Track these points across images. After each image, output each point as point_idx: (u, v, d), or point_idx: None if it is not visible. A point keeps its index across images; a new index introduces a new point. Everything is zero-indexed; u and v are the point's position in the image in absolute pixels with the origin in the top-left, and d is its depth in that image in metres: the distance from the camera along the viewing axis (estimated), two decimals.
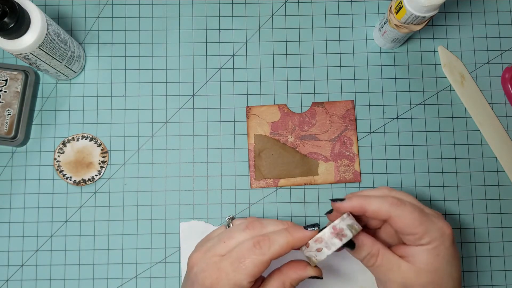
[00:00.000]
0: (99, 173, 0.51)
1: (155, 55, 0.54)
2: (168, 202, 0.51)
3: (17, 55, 0.44)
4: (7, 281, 0.50)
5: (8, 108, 0.50)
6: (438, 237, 0.37)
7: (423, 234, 0.37)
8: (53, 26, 0.45)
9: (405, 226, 0.37)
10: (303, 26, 0.54)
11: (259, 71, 0.53)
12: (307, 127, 0.52)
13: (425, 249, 0.37)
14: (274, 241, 0.36)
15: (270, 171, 0.51)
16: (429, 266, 0.37)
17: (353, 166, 0.52)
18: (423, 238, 0.37)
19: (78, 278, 0.50)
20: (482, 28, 0.55)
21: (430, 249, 0.37)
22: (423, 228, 0.36)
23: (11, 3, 0.40)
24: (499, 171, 0.52)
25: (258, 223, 0.38)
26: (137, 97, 0.53)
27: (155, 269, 0.50)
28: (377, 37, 0.53)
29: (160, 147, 0.52)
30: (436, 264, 0.37)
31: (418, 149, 0.52)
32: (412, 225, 0.36)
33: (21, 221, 0.51)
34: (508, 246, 0.51)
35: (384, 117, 0.53)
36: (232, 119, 0.53)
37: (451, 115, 0.53)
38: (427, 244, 0.37)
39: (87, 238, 0.51)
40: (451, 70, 0.53)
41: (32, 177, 0.51)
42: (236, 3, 0.55)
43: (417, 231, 0.36)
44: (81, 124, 0.52)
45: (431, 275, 0.37)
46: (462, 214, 0.51)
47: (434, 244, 0.37)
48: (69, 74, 0.51)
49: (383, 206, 0.37)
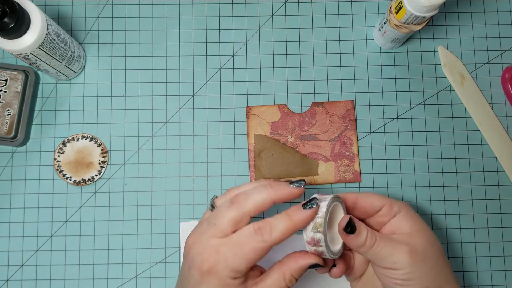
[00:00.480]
0: (99, 173, 0.51)
1: (155, 55, 0.54)
2: (168, 202, 0.51)
3: (17, 55, 0.44)
4: (7, 281, 0.50)
5: (8, 108, 0.50)
6: (403, 205, 0.41)
7: (390, 202, 0.40)
8: (53, 26, 0.45)
9: (372, 201, 0.40)
10: (303, 26, 0.54)
11: (259, 71, 0.53)
12: (307, 127, 0.52)
13: (401, 216, 0.40)
14: (275, 227, 0.36)
15: (270, 171, 0.51)
16: (414, 226, 0.40)
17: (353, 166, 0.52)
18: (393, 207, 0.40)
19: (78, 278, 0.50)
20: (482, 28, 0.55)
21: (404, 214, 0.40)
22: (388, 200, 0.41)
23: (11, 3, 0.40)
24: (499, 171, 0.52)
25: (242, 195, 0.37)
26: (137, 97, 0.53)
27: (155, 269, 0.50)
28: (377, 37, 0.53)
29: (160, 147, 0.52)
30: (419, 224, 0.40)
31: (418, 149, 0.52)
32: (378, 199, 0.40)
33: (21, 221, 0.51)
34: (508, 246, 0.51)
35: (384, 117, 0.53)
36: (232, 119, 0.53)
37: (451, 115, 0.53)
38: (399, 212, 0.40)
39: (87, 238, 0.51)
40: (451, 70, 0.53)
41: (32, 177, 0.51)
42: (236, 3, 0.55)
43: (385, 201, 0.40)
44: (81, 124, 0.52)
45: (421, 233, 0.39)
46: (462, 214, 0.51)
47: (405, 210, 0.40)
48: (69, 74, 0.51)
49: (349, 194, 0.41)
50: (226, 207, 0.37)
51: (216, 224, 0.36)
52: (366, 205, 0.41)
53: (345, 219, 0.38)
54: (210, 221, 0.37)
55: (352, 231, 0.38)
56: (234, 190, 0.39)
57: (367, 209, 0.41)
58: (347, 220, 0.38)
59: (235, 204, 0.37)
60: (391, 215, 0.40)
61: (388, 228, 0.41)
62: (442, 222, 0.51)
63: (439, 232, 0.51)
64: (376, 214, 0.41)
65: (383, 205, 0.40)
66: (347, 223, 0.38)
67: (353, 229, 0.38)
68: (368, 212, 0.41)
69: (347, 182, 0.51)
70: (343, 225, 0.38)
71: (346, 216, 0.38)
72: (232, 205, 0.37)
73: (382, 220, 0.41)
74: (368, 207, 0.41)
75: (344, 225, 0.38)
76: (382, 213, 0.41)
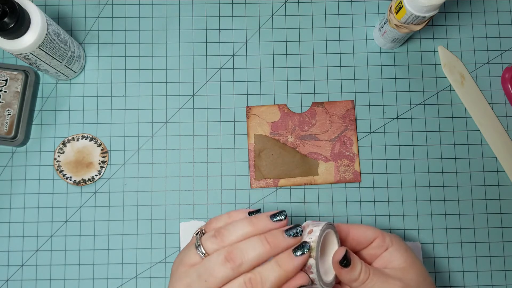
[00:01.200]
0: (99, 173, 0.51)
1: (155, 55, 0.54)
2: (168, 202, 0.51)
3: (17, 55, 0.44)
4: (7, 281, 0.50)
5: (8, 108, 0.50)
6: (395, 237, 0.40)
7: (383, 234, 0.40)
8: (53, 26, 0.45)
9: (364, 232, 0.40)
10: (303, 26, 0.54)
11: (259, 71, 0.53)
12: (307, 127, 0.52)
13: (393, 249, 0.40)
14: (266, 279, 0.34)
15: (270, 171, 0.51)
16: (407, 261, 0.39)
17: (353, 166, 0.52)
18: (385, 239, 0.40)
19: (78, 278, 0.50)
20: (482, 28, 0.55)
21: (397, 248, 0.40)
22: (380, 232, 0.40)
23: (11, 3, 0.40)
24: (499, 171, 0.52)
25: (238, 252, 0.34)
26: (137, 97, 0.53)
27: (155, 269, 0.50)
28: (377, 37, 0.53)
29: (160, 147, 0.52)
30: (411, 258, 0.39)
31: (418, 149, 0.52)
32: (370, 230, 0.40)
33: (21, 221, 0.51)
34: (508, 246, 0.51)
35: (384, 117, 0.53)
36: (232, 119, 0.53)
37: (451, 115, 0.53)
38: (391, 245, 0.40)
39: (87, 238, 0.51)
40: (451, 70, 0.53)
41: (32, 177, 0.51)
42: (236, 3, 0.55)
43: (377, 233, 0.40)
44: (81, 124, 0.52)
45: (414, 268, 0.39)
46: (462, 214, 0.51)
47: (397, 243, 0.40)
48: (69, 74, 0.51)
49: (341, 225, 0.40)
50: (220, 263, 0.34)
51: (207, 281, 0.34)
52: (360, 236, 0.40)
53: (341, 251, 0.37)
54: (201, 274, 0.35)
55: (347, 264, 0.36)
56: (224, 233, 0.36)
57: (360, 241, 0.40)
58: (344, 252, 0.36)
59: (230, 262, 0.34)
60: (384, 247, 0.40)
61: (380, 261, 0.40)
62: (442, 222, 0.51)
63: (439, 232, 0.51)
64: (369, 246, 0.40)
65: (376, 237, 0.40)
66: (344, 256, 0.36)
67: (349, 263, 0.36)
68: (361, 243, 0.40)
69: (347, 182, 0.51)
70: (339, 258, 0.36)
71: (342, 248, 0.37)
72: (227, 263, 0.34)
73: (375, 252, 0.40)
74: (362, 239, 0.40)
75: (340, 258, 0.36)
76: (375, 245, 0.40)
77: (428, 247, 0.51)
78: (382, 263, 0.40)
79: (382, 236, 0.40)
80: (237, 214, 0.38)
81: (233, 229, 0.36)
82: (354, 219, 0.51)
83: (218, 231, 0.36)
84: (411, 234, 0.51)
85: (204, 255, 0.36)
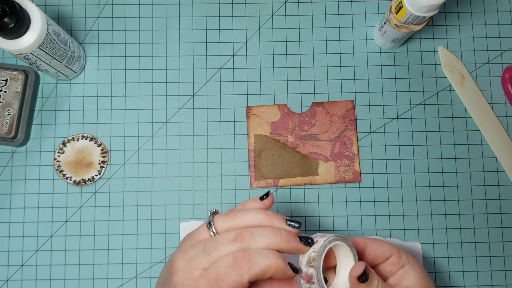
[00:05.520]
0: (99, 173, 0.51)
1: (155, 55, 0.54)
2: (168, 202, 0.51)
3: (17, 55, 0.44)
4: (7, 281, 0.50)
5: (8, 108, 0.50)
6: (411, 256, 0.41)
7: (399, 252, 0.40)
8: (53, 26, 0.45)
9: (382, 248, 0.40)
10: (303, 26, 0.54)
11: (259, 71, 0.53)
12: (307, 127, 0.52)
13: (409, 267, 0.40)
14: (255, 262, 0.33)
15: (270, 171, 0.51)
16: (422, 281, 0.39)
17: (353, 166, 0.52)
18: (401, 257, 0.40)
19: (78, 278, 0.50)
20: (482, 28, 0.55)
21: (412, 266, 0.40)
22: (396, 249, 0.40)
23: (11, 3, 0.40)
24: (499, 171, 0.52)
25: (248, 234, 0.34)
26: (137, 97, 0.53)
27: (155, 269, 0.50)
28: (377, 37, 0.53)
29: (160, 147, 0.52)
30: (425, 278, 0.40)
31: (418, 149, 0.52)
32: (387, 247, 0.40)
33: (21, 221, 0.51)
34: (508, 246, 0.51)
35: (384, 117, 0.53)
36: (232, 119, 0.53)
37: (451, 115, 0.53)
38: (407, 264, 0.40)
39: (87, 238, 0.51)
40: (451, 70, 0.53)
41: (32, 177, 0.51)
42: (236, 3, 0.55)
43: (394, 250, 0.40)
44: (81, 124, 0.52)
45: None
46: (462, 214, 0.51)
47: (412, 261, 0.40)
48: (69, 74, 0.51)
49: (358, 238, 0.40)
50: (228, 241, 0.34)
51: (210, 255, 0.34)
52: (377, 251, 0.39)
53: (360, 266, 0.36)
54: (206, 248, 0.34)
55: (365, 280, 0.35)
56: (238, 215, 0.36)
57: (377, 256, 0.39)
58: (363, 268, 0.36)
59: (238, 241, 0.34)
60: (400, 265, 0.40)
61: (395, 278, 0.40)
62: (442, 222, 0.51)
63: (439, 232, 0.51)
64: (385, 262, 0.40)
65: (392, 253, 0.40)
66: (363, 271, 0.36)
67: (367, 278, 0.35)
68: (377, 259, 0.40)
69: (347, 182, 0.51)
70: (359, 273, 0.35)
71: (362, 263, 0.36)
72: (236, 242, 0.34)
73: (391, 269, 0.40)
74: (379, 254, 0.39)
75: (359, 273, 0.35)
76: (390, 261, 0.40)
77: (428, 247, 0.51)
78: (396, 281, 0.40)
79: (398, 253, 0.40)
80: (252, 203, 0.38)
81: (247, 213, 0.36)
82: (354, 219, 0.51)
83: (232, 212, 0.36)
84: (411, 234, 0.51)
85: (215, 234, 0.35)
